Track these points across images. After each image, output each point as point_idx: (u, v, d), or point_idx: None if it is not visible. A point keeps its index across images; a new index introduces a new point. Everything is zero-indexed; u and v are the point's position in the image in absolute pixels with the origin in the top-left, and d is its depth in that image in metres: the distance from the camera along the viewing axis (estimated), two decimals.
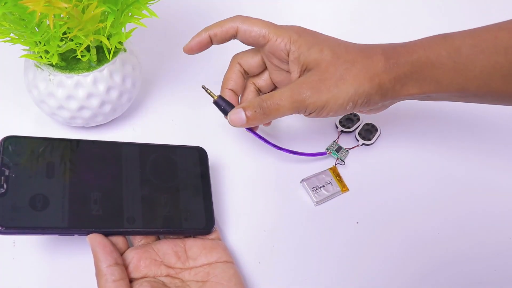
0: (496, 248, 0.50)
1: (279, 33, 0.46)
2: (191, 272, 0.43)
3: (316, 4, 0.69)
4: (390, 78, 0.44)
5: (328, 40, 0.46)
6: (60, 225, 0.41)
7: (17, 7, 0.41)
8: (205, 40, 0.47)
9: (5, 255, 0.46)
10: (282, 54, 0.46)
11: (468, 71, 0.42)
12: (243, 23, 0.47)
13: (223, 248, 0.45)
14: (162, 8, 0.51)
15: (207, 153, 0.49)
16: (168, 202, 0.45)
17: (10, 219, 0.40)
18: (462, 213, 0.52)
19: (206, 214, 0.46)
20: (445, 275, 0.48)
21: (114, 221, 0.43)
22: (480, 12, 0.69)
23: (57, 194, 0.42)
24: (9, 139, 0.43)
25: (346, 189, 0.52)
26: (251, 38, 0.47)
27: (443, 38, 0.44)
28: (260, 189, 0.52)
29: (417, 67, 0.43)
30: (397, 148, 0.55)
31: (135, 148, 0.47)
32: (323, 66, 0.44)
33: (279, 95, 0.45)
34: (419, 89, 0.44)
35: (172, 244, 0.44)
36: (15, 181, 0.41)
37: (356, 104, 0.44)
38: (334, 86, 0.43)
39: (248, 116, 0.45)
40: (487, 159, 0.55)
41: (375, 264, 0.48)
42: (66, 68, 0.48)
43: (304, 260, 0.48)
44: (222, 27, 0.47)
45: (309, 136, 0.56)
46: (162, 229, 0.44)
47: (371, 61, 0.44)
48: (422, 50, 0.44)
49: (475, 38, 0.43)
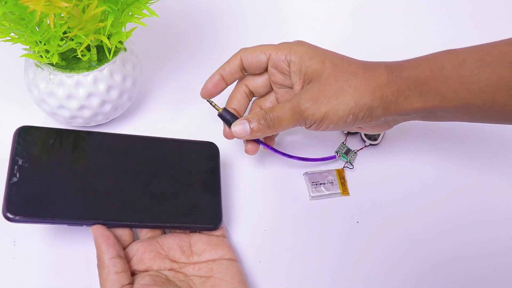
0: (496, 247, 0.50)
1: (279, 47, 0.47)
2: (194, 267, 0.43)
3: (317, 3, 0.69)
4: (393, 90, 0.43)
5: (329, 53, 0.46)
6: (69, 215, 0.42)
7: (17, 7, 0.41)
8: (218, 80, 0.48)
9: (5, 254, 0.46)
10: (283, 66, 0.47)
11: (473, 84, 0.41)
12: (245, 52, 0.48)
13: (228, 246, 0.45)
14: (162, 7, 0.51)
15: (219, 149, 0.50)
16: (177, 196, 0.46)
17: (22, 207, 0.41)
18: (462, 212, 0.52)
19: (214, 210, 0.46)
20: (445, 274, 0.48)
21: (122, 213, 0.43)
22: (481, 12, 0.69)
23: (68, 184, 0.43)
24: (23, 129, 0.44)
25: (346, 193, 0.52)
26: (255, 61, 0.47)
27: (448, 52, 0.43)
28: (263, 188, 0.52)
29: (421, 80, 0.42)
30: (401, 147, 0.55)
31: (146, 142, 0.47)
32: (323, 77, 0.44)
33: (280, 107, 0.45)
34: (423, 103, 0.43)
35: (177, 238, 0.45)
36: (27, 170, 0.42)
37: (357, 118, 0.44)
38: (334, 98, 0.43)
39: (252, 128, 0.45)
40: (489, 160, 0.55)
41: (375, 263, 0.48)
42: (67, 67, 0.48)
43: (304, 260, 0.48)
44: (229, 62, 0.48)
45: (315, 138, 0.56)
46: (169, 223, 0.44)
47: (373, 73, 0.44)
48: (426, 63, 0.43)
49: (480, 52, 0.42)
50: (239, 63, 0.48)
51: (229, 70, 0.48)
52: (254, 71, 0.49)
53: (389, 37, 0.66)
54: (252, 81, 0.50)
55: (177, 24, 0.65)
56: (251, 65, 0.48)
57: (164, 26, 0.63)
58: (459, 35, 0.66)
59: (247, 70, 0.49)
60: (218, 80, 0.48)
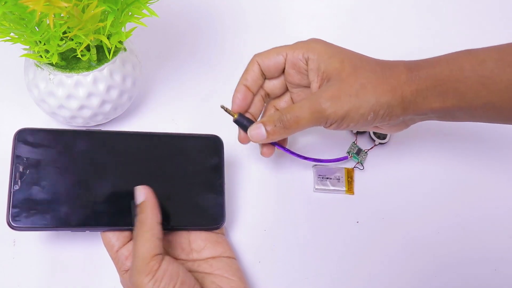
0: (497, 247, 0.50)
1: (294, 46, 0.46)
2: (194, 264, 0.44)
3: (317, 3, 0.69)
4: (412, 90, 0.43)
5: (347, 51, 0.46)
6: (72, 222, 0.41)
7: (17, 7, 0.41)
8: (245, 91, 0.47)
9: (5, 254, 0.46)
10: (301, 64, 0.46)
11: (494, 84, 0.41)
12: (261, 56, 0.47)
13: (227, 243, 0.45)
14: (162, 7, 0.51)
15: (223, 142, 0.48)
16: (180, 197, 0.45)
17: (25, 216, 0.40)
18: (462, 212, 0.52)
19: (217, 209, 0.45)
20: (445, 274, 0.48)
21: (126, 217, 0.42)
22: (481, 12, 0.69)
23: (70, 190, 0.42)
24: (22, 132, 0.42)
25: (351, 192, 0.52)
26: (272, 64, 0.47)
27: (467, 52, 0.43)
28: (263, 188, 0.52)
29: (440, 80, 0.42)
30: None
31: (148, 139, 0.46)
32: (343, 76, 0.43)
33: (298, 107, 0.44)
34: (442, 103, 0.43)
35: (176, 235, 0.45)
36: (29, 177, 0.41)
37: (377, 115, 0.43)
38: (355, 96, 0.43)
39: (268, 131, 0.44)
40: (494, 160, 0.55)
41: (375, 263, 0.48)
42: (66, 67, 0.48)
43: (304, 260, 0.48)
44: (248, 70, 0.47)
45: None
46: (171, 225, 0.44)
47: (393, 72, 0.43)
48: (445, 63, 0.43)
49: (500, 53, 0.42)
50: (258, 68, 0.47)
51: (252, 78, 0.47)
52: (273, 75, 0.48)
53: (390, 36, 0.65)
54: (267, 83, 0.49)
55: (177, 24, 0.65)
56: (270, 69, 0.47)
57: (164, 26, 0.63)
58: (460, 34, 0.66)
59: (266, 74, 0.48)
60: (245, 91, 0.47)
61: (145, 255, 0.39)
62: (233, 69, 0.62)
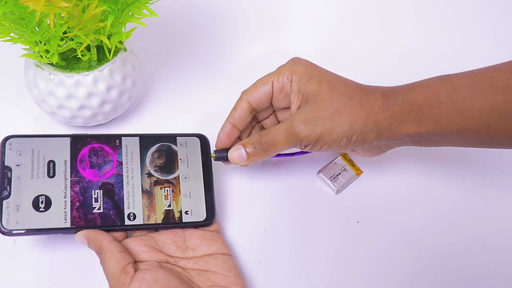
0: (496, 247, 0.50)
1: (278, 72, 0.47)
2: (190, 261, 0.44)
3: (317, 3, 0.69)
4: (387, 116, 0.43)
5: (327, 74, 0.46)
6: (63, 225, 0.42)
7: (17, 7, 0.41)
8: (230, 130, 0.48)
9: (5, 254, 0.46)
10: (287, 87, 0.46)
11: (467, 110, 0.42)
12: (248, 93, 0.47)
13: (222, 241, 0.46)
14: (162, 7, 0.51)
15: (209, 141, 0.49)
16: (169, 195, 0.45)
17: (15, 222, 0.41)
18: (462, 212, 0.52)
19: (207, 205, 0.46)
20: (445, 274, 0.48)
21: (115, 218, 0.43)
22: (481, 12, 0.69)
23: (59, 194, 0.43)
24: (9, 139, 0.43)
25: (360, 171, 0.53)
26: (262, 96, 0.47)
27: (442, 78, 0.44)
28: (263, 187, 0.52)
29: (415, 105, 0.43)
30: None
31: (134, 140, 0.47)
32: (319, 98, 0.44)
33: (275, 130, 0.45)
34: (417, 129, 0.43)
35: (171, 234, 0.45)
36: (18, 182, 0.42)
37: (350, 141, 0.44)
38: (329, 120, 0.43)
39: (248, 153, 0.45)
40: (491, 161, 0.55)
41: (375, 263, 0.48)
42: (67, 67, 0.48)
43: (304, 260, 0.48)
44: (236, 109, 0.48)
45: None
46: (162, 224, 0.44)
47: (369, 98, 0.44)
48: (420, 88, 0.43)
49: (472, 79, 0.42)
50: (247, 106, 0.47)
51: (239, 116, 0.48)
52: (265, 105, 0.48)
53: (390, 37, 0.66)
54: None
55: (177, 24, 0.65)
56: (260, 102, 0.47)
57: (164, 26, 0.63)
58: (459, 36, 0.66)
59: (257, 108, 0.48)
60: (230, 130, 0.48)
61: (114, 272, 0.40)
62: (233, 69, 0.62)
